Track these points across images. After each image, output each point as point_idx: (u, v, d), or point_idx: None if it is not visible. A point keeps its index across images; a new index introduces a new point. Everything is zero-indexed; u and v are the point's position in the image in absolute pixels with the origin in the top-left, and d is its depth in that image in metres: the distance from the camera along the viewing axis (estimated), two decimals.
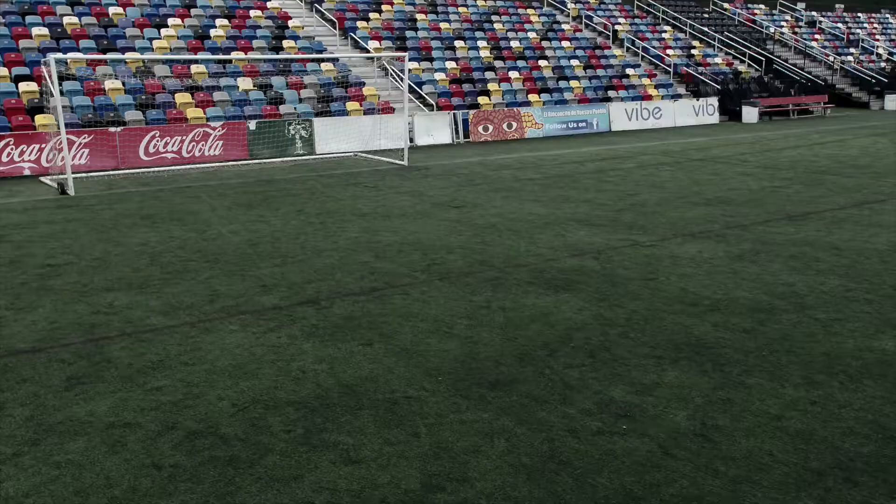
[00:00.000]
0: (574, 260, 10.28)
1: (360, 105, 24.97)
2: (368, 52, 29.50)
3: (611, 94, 30.92)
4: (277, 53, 26.89)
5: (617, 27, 38.10)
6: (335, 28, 30.65)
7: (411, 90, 27.63)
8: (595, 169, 18.71)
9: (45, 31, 24.48)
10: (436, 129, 24.78)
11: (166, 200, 15.05)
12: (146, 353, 7.16)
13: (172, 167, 19.75)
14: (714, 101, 31.37)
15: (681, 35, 39.87)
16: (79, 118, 20.66)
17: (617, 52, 35.27)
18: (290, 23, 29.46)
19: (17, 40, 23.53)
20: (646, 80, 32.79)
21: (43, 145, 18.63)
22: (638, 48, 36.21)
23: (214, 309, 8.40)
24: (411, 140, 24.10)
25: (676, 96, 32.17)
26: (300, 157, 21.61)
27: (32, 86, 21.43)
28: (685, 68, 34.83)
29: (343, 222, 12.84)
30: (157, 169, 19.45)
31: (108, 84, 22.46)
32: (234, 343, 7.38)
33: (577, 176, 17.62)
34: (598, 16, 38.65)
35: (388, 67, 28.53)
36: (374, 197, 15.25)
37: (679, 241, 11.35)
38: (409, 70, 28.50)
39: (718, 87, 32.98)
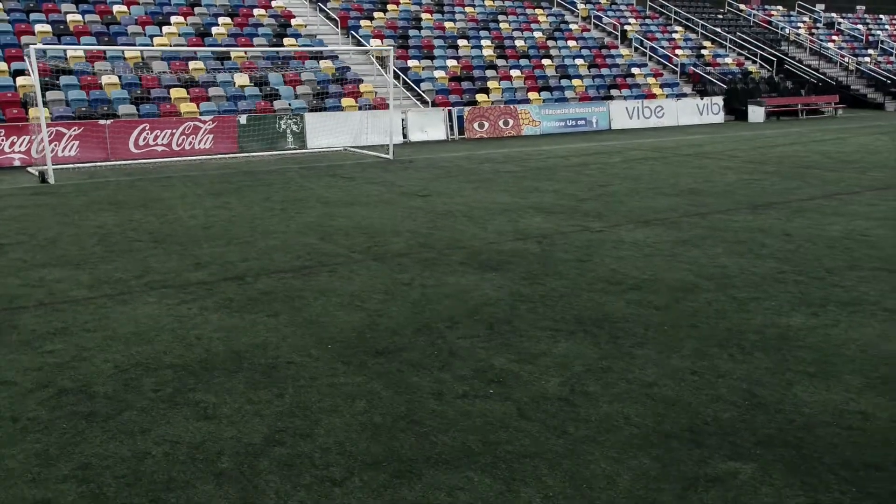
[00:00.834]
0: (517, 243, 10.25)
1: (356, 101, 25.09)
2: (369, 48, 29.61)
3: (613, 92, 30.76)
4: (278, 53, 27.09)
5: (626, 27, 37.89)
6: (338, 27, 30.82)
7: (409, 88, 27.72)
8: (578, 163, 18.62)
9: (47, 27, 24.92)
10: (430, 126, 24.81)
11: (141, 189, 15.23)
12: (54, 321, 7.26)
13: (162, 160, 19.98)
14: (719, 100, 31.07)
15: (692, 35, 39.56)
16: (73, 111, 20.99)
17: (624, 51, 35.08)
18: (293, 21, 29.70)
19: (18, 36, 23.97)
20: (651, 80, 32.57)
21: (32, 137, 18.94)
22: (646, 48, 35.97)
23: (140, 283, 8.49)
24: (405, 136, 24.16)
25: (681, 95, 31.91)
26: (290, 151, 21.75)
27: (30, 80, 21.82)
28: (692, 68, 34.54)
29: (304, 208, 12.91)
30: (145, 161, 19.69)
31: (105, 79, 22.79)
32: (144, 314, 7.45)
33: (557, 169, 17.56)
34: (607, 16, 38.48)
35: (385, 64, 28.62)
36: (346, 186, 15.32)
37: (631, 227, 11.27)
38: (409, 68, 28.59)
39: (725, 86, 32.64)
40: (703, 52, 37.35)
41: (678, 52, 36.31)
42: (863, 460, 4.57)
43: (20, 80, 21.77)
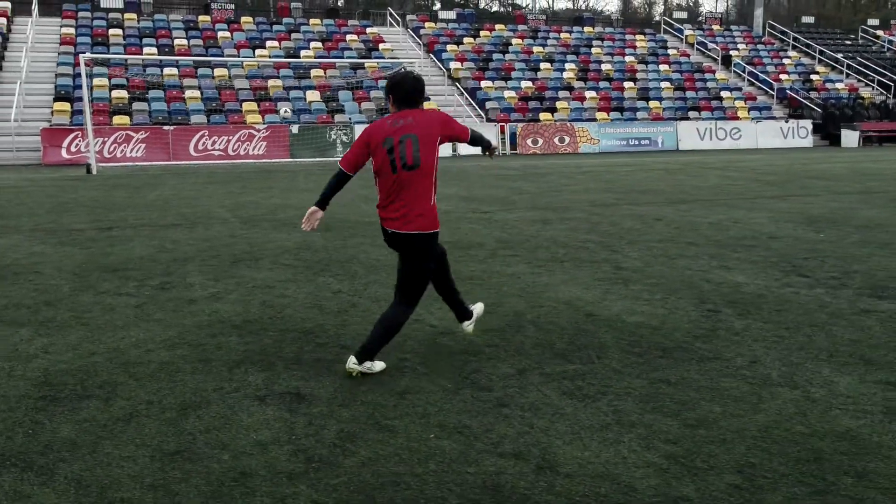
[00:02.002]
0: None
1: None
2: (449, 72, 31.05)
3: (692, 114, 30.33)
4: (355, 72, 29.10)
5: (732, 52, 37.08)
6: (422, 51, 32.50)
7: (481, 106, 28.77)
8: (581, 172, 18.95)
9: (154, 50, 28.25)
10: None
11: (157, 178, 17.29)
12: None
13: (217, 162, 22.21)
14: (807, 123, 29.87)
15: (807, 60, 38.03)
16: (150, 120, 23.78)
17: (720, 75, 34.41)
18: (381, 46, 31.67)
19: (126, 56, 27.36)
20: (739, 103, 31.78)
21: (105, 139, 21.74)
22: (744, 72, 35.06)
23: (27, 225, 10.15)
24: (453, 150, 25.22)
25: (770, 118, 30.89)
26: (335, 159, 23.39)
27: (123, 93, 24.93)
28: (790, 92, 33.31)
29: (263, 192, 14.30)
30: (201, 163, 21.99)
31: (188, 93, 25.58)
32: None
33: (553, 175, 18.02)
34: (714, 42, 37.78)
35: (460, 83, 29.90)
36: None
37: (519, 212, 11.78)
38: (481, 88, 29.69)
39: (819, 110, 31.28)
40: (814, 77, 35.84)
41: (783, 76, 35.10)
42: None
43: (115, 94, 24.91)
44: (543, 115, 28.33)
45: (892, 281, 7.00)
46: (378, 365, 4.64)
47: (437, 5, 67.27)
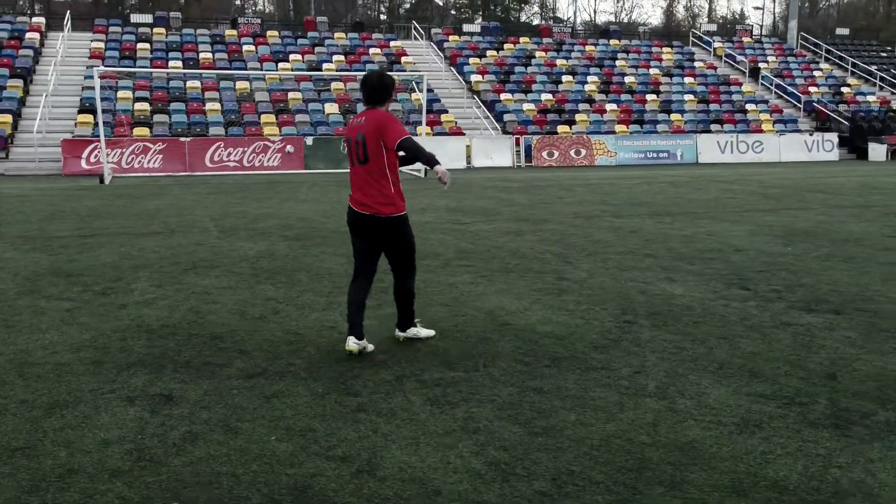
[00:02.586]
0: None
1: (431, 129, 26.64)
2: (469, 83, 31.19)
3: (714, 127, 30.01)
4: None
5: (762, 64, 36.60)
6: (444, 63, 32.68)
7: (498, 119, 28.82)
8: (583, 184, 18.87)
9: (179, 63, 28.87)
10: (496, 152, 25.78)
11: (164, 188, 17.65)
12: None
13: (232, 174, 22.57)
14: (833, 136, 29.33)
15: (839, 73, 37.37)
16: (169, 131, 24.30)
17: (747, 88, 34.00)
18: (403, 59, 31.94)
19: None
20: (764, 116, 31.35)
21: (123, 150, 22.28)
22: (771, 84, 34.57)
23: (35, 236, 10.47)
24: (468, 162, 25.29)
25: (795, 131, 30.39)
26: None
27: (145, 105, 25.53)
28: (817, 104, 32.76)
29: (258, 202, 14.53)
30: (216, 174, 22.37)
31: (209, 105, 26.09)
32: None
33: (553, 187, 17.98)
34: (743, 54, 37.33)
35: (481, 96, 30.01)
36: (336, 192, 16.78)
37: (498, 223, 11.81)
38: (500, 100, 29.75)
39: (847, 123, 30.71)
40: (844, 89, 35.20)
41: (812, 89, 34.54)
42: None
43: (137, 106, 25.51)
44: (561, 128, 28.26)
45: (833, 295, 6.89)
46: (424, 331, 5.46)
47: (479, 19, 67.68)
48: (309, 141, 23.96)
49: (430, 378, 4.73)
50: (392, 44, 33.59)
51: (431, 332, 5.56)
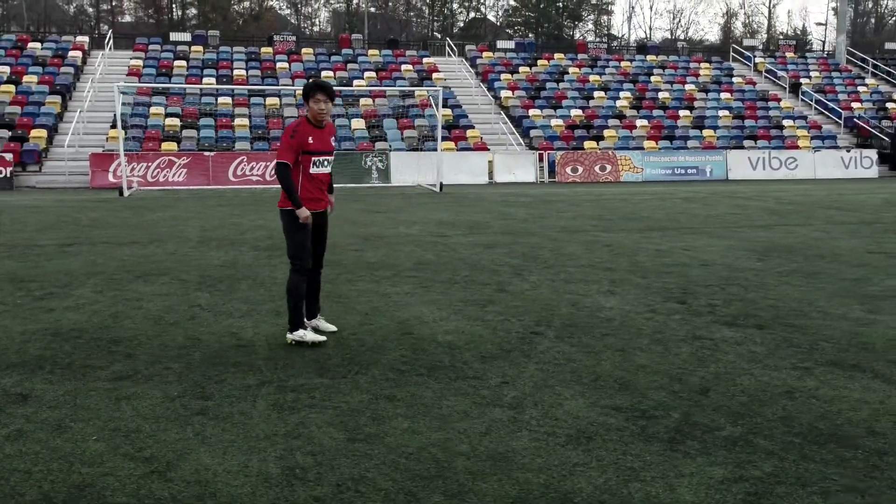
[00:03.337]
0: (349, 239, 11.23)
1: (455, 144, 26.68)
2: (499, 99, 31.18)
3: (747, 143, 29.41)
4: (403, 99, 29.60)
5: (803, 80, 35.78)
6: (476, 79, 32.74)
7: (524, 135, 28.73)
8: (591, 200, 18.66)
9: (213, 80, 29.51)
10: (519, 168, 25.67)
11: (180, 201, 18.01)
12: None
13: (252, 187, 22.93)
14: (871, 153, 28.47)
15: (886, 88, 36.31)
16: (196, 146, 24.82)
17: (785, 103, 33.26)
18: (434, 75, 32.10)
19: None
20: (801, 132, 30.61)
21: (149, 163, 22.83)
22: (811, 100, 33.75)
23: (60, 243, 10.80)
24: (490, 177, 25.22)
25: (833, 147, 29.58)
26: (371, 186, 23.77)
27: (176, 121, 26.15)
28: (857, 120, 31.86)
29: (258, 214, 14.73)
30: (238, 187, 22.75)
31: (238, 121, 26.59)
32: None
33: (560, 202, 17.82)
34: (782, 69, 36.55)
35: (507, 112, 29.97)
36: (342, 205, 16.87)
37: (479, 236, 11.73)
38: (528, 116, 29.66)
39: (889, 140, 29.78)
40: (890, 105, 34.17)
41: (854, 104, 33.62)
42: None
43: (168, 121, 26.13)
44: (588, 144, 28.01)
45: (768, 310, 6.67)
46: (310, 336, 5.53)
47: (530, 37, 67.76)
48: None
49: (293, 384, 4.70)
50: (425, 60, 33.81)
51: (320, 338, 5.55)
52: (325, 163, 5.63)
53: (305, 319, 5.80)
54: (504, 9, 75.14)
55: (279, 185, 5.48)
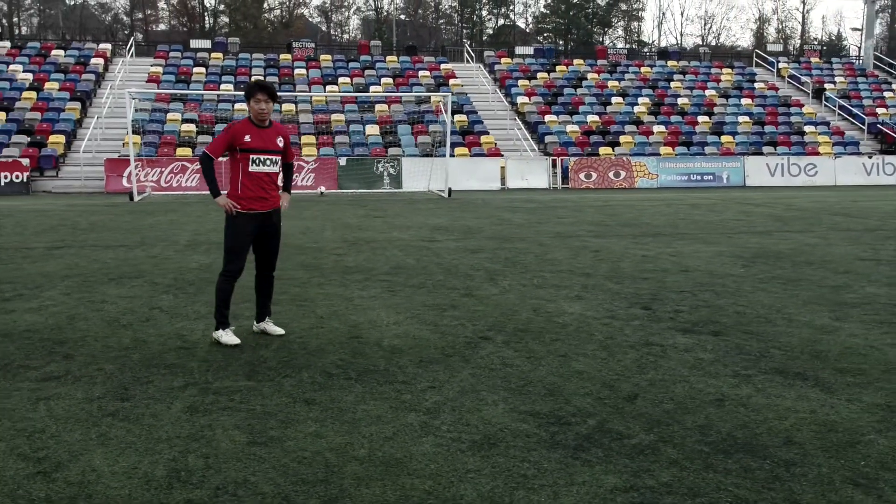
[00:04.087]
0: (336, 243, 11.24)
1: (469, 150, 26.63)
2: (515, 105, 31.10)
3: (766, 149, 28.99)
4: (419, 105, 29.63)
5: (828, 85, 35.25)
6: (494, 85, 32.67)
7: (539, 140, 28.60)
8: (596, 206, 18.51)
9: (230, 86, 29.78)
10: (531, 174, 25.55)
11: (185, 206, 18.17)
12: None
13: None
14: (893, 159, 27.94)
15: None
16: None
17: (808, 109, 32.78)
18: (451, 81, 32.10)
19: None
20: (823, 138, 30.12)
21: (162, 169, 23.07)
22: (835, 105, 33.21)
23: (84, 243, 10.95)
24: (502, 183, 25.14)
25: (854, 153, 29.07)
26: (383, 191, 23.80)
27: (192, 126, 26.41)
28: (881, 125, 31.28)
29: None
30: None
31: None
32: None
33: (563, 209, 17.70)
34: (806, 75, 36.03)
35: (518, 117, 29.86)
36: (341, 211, 16.96)
37: (468, 242, 11.67)
38: (544, 122, 29.53)
39: None
40: None
41: (879, 110, 33.04)
42: None
43: (184, 127, 26.41)
44: (603, 150, 27.81)
45: (733, 316, 6.54)
46: (226, 337, 5.60)
47: (560, 44, 67.57)
48: (342, 161, 24.29)
49: (217, 386, 4.67)
50: (442, 66, 33.83)
51: (234, 340, 5.58)
52: (268, 161, 5.62)
53: (255, 321, 5.85)
54: (534, 15, 75.04)
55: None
